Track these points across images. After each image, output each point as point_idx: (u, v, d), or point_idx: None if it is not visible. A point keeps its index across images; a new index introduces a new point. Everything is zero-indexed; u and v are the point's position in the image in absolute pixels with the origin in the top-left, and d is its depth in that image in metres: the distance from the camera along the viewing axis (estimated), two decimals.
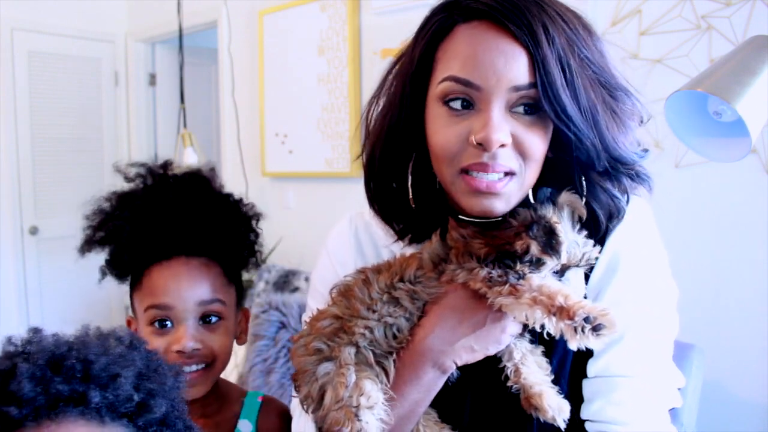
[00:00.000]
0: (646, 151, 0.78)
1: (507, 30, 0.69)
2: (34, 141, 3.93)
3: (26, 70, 3.86)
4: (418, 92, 0.79)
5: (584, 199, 0.77)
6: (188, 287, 0.94)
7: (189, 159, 3.42)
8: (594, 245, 0.76)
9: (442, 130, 0.74)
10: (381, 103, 0.84)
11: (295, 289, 2.75)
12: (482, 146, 0.70)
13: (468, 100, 0.72)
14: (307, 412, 0.79)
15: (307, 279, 2.75)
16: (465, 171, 0.74)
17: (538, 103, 0.70)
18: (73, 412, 0.60)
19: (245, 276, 1.08)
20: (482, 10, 0.71)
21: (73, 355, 0.62)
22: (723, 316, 1.88)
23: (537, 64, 0.68)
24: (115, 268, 1.00)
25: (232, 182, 3.66)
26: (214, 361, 0.95)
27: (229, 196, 1.04)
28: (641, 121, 0.80)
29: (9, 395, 0.58)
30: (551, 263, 0.73)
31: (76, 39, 4.06)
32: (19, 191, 3.85)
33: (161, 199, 0.98)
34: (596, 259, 0.77)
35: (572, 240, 0.73)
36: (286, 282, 2.82)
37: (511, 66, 0.69)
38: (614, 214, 0.78)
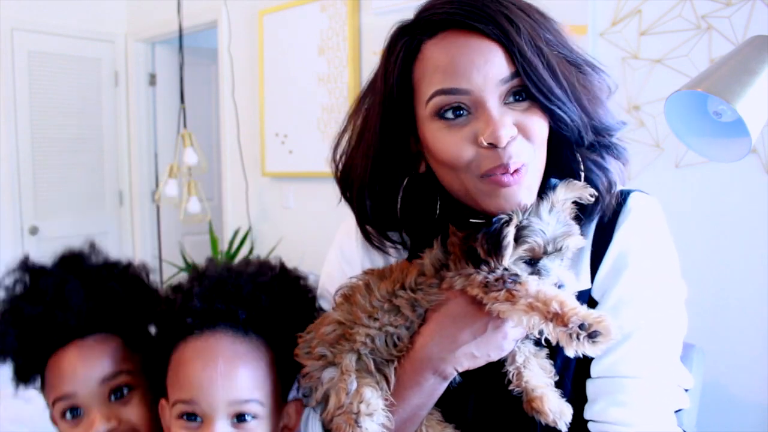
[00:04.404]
0: (624, 123, 0.80)
1: (475, 30, 0.71)
2: (34, 141, 3.92)
3: (26, 70, 3.86)
4: (403, 119, 0.78)
5: (583, 176, 0.77)
6: (85, 369, 0.89)
7: (189, 159, 3.41)
8: (581, 232, 0.75)
9: (448, 142, 0.73)
10: (354, 137, 0.84)
11: None
12: (493, 145, 0.70)
13: (462, 107, 0.72)
14: (315, 411, 0.81)
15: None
16: (487, 175, 0.73)
17: (525, 90, 0.72)
18: (225, 324, 0.83)
19: None
20: (445, 20, 0.72)
21: (231, 282, 0.85)
22: (723, 316, 1.88)
23: (513, 53, 0.70)
24: (20, 375, 0.95)
25: (232, 182, 3.66)
26: None
27: (113, 265, 0.98)
28: (609, 93, 0.81)
29: (188, 309, 0.83)
30: (517, 255, 0.72)
31: (76, 39, 4.06)
32: (19, 191, 3.85)
33: (35, 294, 0.93)
34: (578, 248, 0.76)
35: (537, 228, 0.72)
36: None
37: (492, 62, 0.71)
38: (610, 186, 0.79)
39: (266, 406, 0.83)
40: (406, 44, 0.76)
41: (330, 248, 0.99)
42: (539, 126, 0.73)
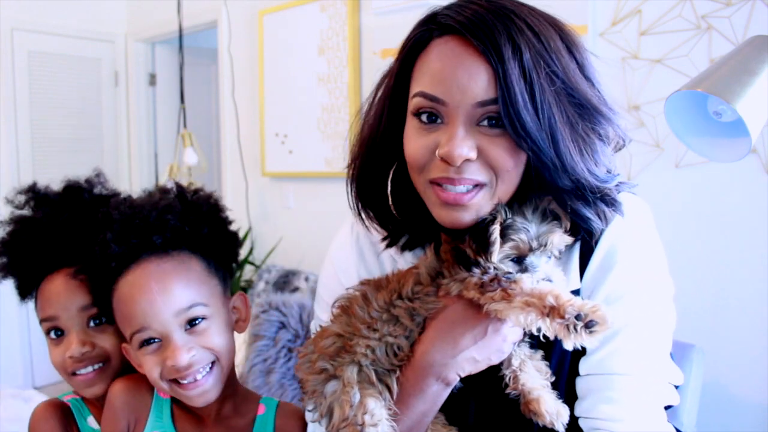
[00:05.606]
0: (614, 175, 0.77)
1: (473, 46, 0.70)
2: (34, 141, 3.92)
3: (26, 70, 3.86)
4: (398, 105, 0.80)
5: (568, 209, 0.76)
6: (68, 296, 0.97)
7: (189, 159, 3.41)
8: (565, 232, 0.75)
9: (414, 141, 0.76)
10: (371, 113, 0.86)
11: (295, 289, 2.75)
12: (446, 161, 0.72)
13: (436, 115, 0.74)
14: (320, 425, 0.81)
15: (307, 279, 2.75)
16: (434, 182, 0.75)
17: (500, 118, 0.71)
18: (146, 253, 0.90)
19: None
20: (451, 26, 0.72)
21: (137, 216, 0.90)
22: (723, 316, 1.88)
23: (499, 79, 0.69)
24: (19, 292, 1.04)
25: (232, 182, 3.66)
26: (108, 360, 0.99)
27: (111, 197, 1.03)
28: (619, 147, 0.79)
29: (109, 255, 0.89)
30: (504, 254, 0.73)
31: (76, 39, 4.06)
32: None
33: (37, 219, 1.01)
34: (566, 246, 0.76)
35: (521, 226, 0.73)
36: (286, 282, 2.82)
37: (475, 82, 0.70)
38: (591, 235, 0.78)
39: (211, 305, 0.92)
40: (419, 35, 0.76)
41: (325, 259, 0.99)
42: (503, 156, 0.72)
